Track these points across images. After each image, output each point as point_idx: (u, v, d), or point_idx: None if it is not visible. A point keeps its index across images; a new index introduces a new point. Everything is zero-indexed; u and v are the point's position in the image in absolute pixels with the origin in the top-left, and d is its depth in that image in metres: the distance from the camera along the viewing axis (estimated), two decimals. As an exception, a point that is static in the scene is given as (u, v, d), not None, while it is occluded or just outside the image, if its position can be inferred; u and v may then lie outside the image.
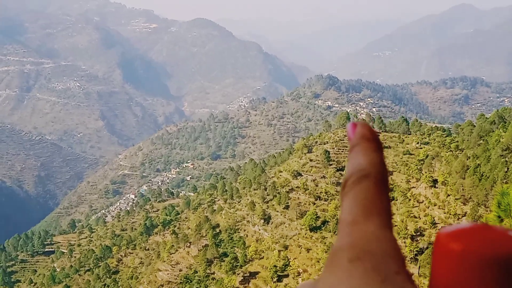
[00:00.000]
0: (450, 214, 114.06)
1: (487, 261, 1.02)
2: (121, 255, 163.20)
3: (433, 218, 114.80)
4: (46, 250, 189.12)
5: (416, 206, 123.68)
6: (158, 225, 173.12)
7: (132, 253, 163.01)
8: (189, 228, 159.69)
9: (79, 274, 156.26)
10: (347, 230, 1.25)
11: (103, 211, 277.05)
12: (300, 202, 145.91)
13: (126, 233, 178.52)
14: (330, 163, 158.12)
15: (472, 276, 1.04)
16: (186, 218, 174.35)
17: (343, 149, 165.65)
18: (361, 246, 1.19)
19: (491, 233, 1.08)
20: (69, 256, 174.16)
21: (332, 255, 1.23)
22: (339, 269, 1.17)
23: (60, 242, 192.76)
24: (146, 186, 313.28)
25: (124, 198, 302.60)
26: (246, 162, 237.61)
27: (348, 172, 1.39)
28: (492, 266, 1.02)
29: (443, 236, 1.15)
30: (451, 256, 1.10)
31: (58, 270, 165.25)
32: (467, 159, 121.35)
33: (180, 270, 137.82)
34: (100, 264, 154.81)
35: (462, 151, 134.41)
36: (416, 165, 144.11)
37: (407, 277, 1.14)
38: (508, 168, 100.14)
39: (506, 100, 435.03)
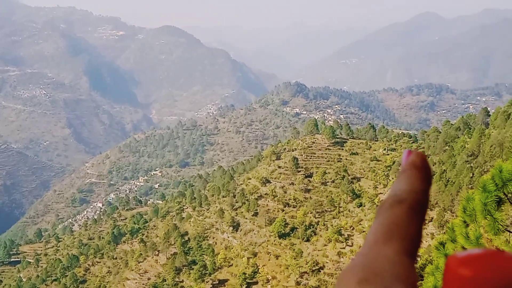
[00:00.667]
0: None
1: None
2: (88, 264, 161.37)
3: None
4: (12, 260, 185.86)
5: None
6: (126, 234, 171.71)
7: (100, 262, 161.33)
8: (157, 236, 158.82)
9: (45, 284, 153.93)
10: (365, 251, 1.26)
11: (70, 220, 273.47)
12: (269, 209, 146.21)
13: (94, 242, 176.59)
14: (299, 169, 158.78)
15: None
16: (154, 226, 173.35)
17: (311, 156, 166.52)
18: (372, 268, 1.19)
19: (502, 260, 1.06)
20: (36, 266, 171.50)
21: (343, 275, 1.23)
22: None
23: (26, 252, 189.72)
24: (113, 195, 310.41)
25: (91, 206, 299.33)
26: (214, 170, 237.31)
27: (387, 196, 1.39)
28: None
29: (454, 261, 1.14)
30: (461, 282, 1.09)
31: (24, 280, 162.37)
32: (433, 165, 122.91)
33: (149, 279, 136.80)
34: (67, 274, 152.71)
35: (428, 157, 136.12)
36: (383, 171, 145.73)
37: None
38: (473, 174, 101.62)
39: (471, 106, 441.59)
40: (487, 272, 1.03)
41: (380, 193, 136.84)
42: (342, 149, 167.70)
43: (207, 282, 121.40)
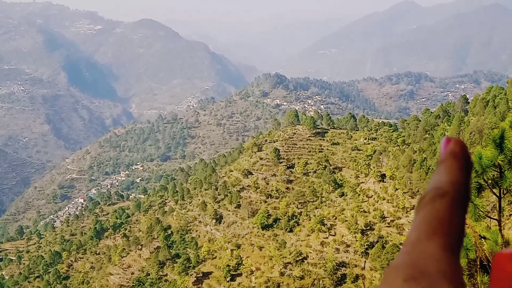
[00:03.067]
0: (398, 208, 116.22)
1: None
2: (71, 260, 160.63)
3: (382, 212, 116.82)
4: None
5: (366, 201, 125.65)
6: (109, 229, 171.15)
7: (83, 258, 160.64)
8: (140, 230, 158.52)
9: (28, 281, 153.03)
10: (408, 249, 1.24)
11: (51, 216, 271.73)
12: (251, 201, 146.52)
13: (76, 238, 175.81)
14: (280, 161, 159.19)
15: None
16: (137, 220, 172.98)
17: (292, 147, 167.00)
18: (417, 266, 1.18)
19: None
20: (18, 263, 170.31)
21: (389, 273, 1.21)
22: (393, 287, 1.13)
23: (8, 249, 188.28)
24: (95, 190, 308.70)
25: (72, 202, 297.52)
26: (196, 163, 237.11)
27: (427, 189, 1.36)
28: None
29: (502, 257, 1.11)
30: (510, 279, 1.07)
31: (6, 278, 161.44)
32: (414, 153, 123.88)
33: (132, 273, 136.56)
34: (50, 270, 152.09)
35: (409, 145, 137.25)
36: (365, 160, 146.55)
37: None
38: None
39: (450, 94, 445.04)
40: None
41: (362, 182, 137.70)
42: (323, 140, 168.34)
43: (191, 275, 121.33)
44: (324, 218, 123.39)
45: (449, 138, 1.42)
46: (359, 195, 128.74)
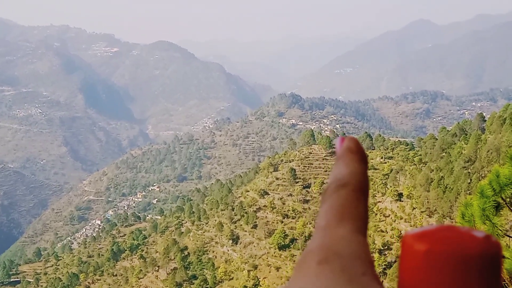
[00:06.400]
0: (416, 227, 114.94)
1: (451, 260, 1.05)
2: (88, 282, 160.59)
3: (400, 231, 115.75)
4: (11, 280, 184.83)
5: (383, 220, 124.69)
6: (126, 250, 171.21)
7: (100, 280, 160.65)
8: (157, 251, 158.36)
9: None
10: (319, 234, 1.27)
11: (68, 238, 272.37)
12: (268, 221, 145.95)
13: (93, 260, 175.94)
14: (296, 180, 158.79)
15: (437, 276, 1.06)
16: (153, 241, 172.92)
17: (308, 167, 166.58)
18: (330, 249, 1.21)
19: (456, 233, 1.10)
20: (36, 285, 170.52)
21: (302, 258, 1.24)
22: (307, 271, 1.18)
23: (25, 272, 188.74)
24: (112, 211, 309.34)
25: (90, 224, 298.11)
26: (212, 183, 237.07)
27: (329, 182, 1.42)
28: (456, 265, 1.04)
29: (409, 238, 1.16)
30: (416, 256, 1.12)
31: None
32: (431, 172, 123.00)
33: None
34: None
35: (426, 164, 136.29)
36: (381, 179, 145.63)
37: (374, 278, 1.16)
38: (471, 180, 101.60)
39: (466, 112, 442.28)
40: (440, 245, 1.07)
41: (379, 201, 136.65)
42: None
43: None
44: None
45: (343, 137, 1.47)
46: (376, 214, 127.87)
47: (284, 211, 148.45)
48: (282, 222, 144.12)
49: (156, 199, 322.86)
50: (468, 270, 1.03)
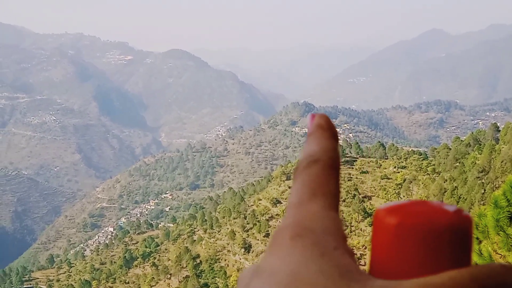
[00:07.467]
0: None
1: (422, 233, 1.05)
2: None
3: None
4: (24, 286, 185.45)
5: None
6: (138, 258, 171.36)
7: (112, 287, 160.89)
8: (169, 259, 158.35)
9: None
10: (292, 211, 1.24)
11: (81, 245, 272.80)
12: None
13: (106, 267, 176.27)
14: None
15: (408, 248, 1.07)
16: (166, 249, 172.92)
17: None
18: (302, 224, 1.19)
19: (427, 208, 1.09)
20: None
21: (276, 234, 1.21)
22: (280, 246, 1.16)
23: (38, 278, 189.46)
24: (124, 219, 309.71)
25: (102, 231, 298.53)
26: (225, 191, 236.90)
27: (300, 158, 1.37)
28: (426, 237, 1.05)
29: (381, 212, 1.15)
30: (388, 230, 1.11)
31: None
32: (444, 182, 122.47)
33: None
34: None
35: (439, 174, 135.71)
36: (394, 189, 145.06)
37: (346, 252, 1.15)
38: (484, 190, 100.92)
39: (480, 122, 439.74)
40: (411, 218, 1.07)
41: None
42: (352, 168, 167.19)
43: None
44: (354, 248, 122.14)
45: (314, 114, 1.42)
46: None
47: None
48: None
49: (169, 207, 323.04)
50: (438, 243, 1.04)
